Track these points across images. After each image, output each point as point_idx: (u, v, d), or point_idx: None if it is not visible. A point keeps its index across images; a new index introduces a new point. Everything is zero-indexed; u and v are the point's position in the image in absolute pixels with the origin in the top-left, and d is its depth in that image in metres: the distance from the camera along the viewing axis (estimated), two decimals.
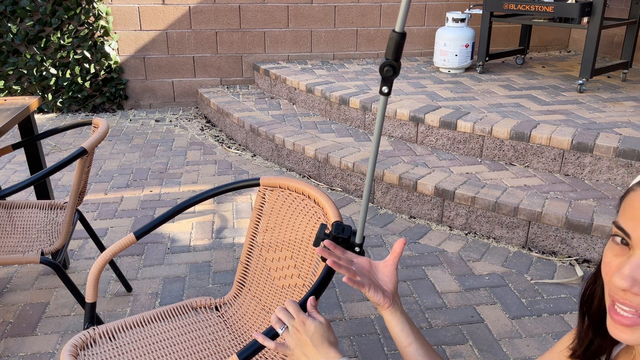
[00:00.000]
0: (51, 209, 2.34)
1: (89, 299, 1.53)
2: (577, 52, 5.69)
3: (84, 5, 4.68)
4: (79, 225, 3.03)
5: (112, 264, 2.36)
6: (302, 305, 1.14)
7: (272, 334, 1.08)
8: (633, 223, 0.61)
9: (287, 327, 1.02)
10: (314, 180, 3.61)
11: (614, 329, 0.63)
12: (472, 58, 4.63)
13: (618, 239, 0.64)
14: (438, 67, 4.74)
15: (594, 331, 0.76)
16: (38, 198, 2.54)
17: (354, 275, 1.01)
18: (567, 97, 3.90)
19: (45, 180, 2.55)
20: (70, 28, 4.71)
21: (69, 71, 4.79)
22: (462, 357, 2.05)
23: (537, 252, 2.77)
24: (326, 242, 1.06)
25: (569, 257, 2.70)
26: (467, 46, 4.50)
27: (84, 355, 1.43)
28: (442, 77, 4.52)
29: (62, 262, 2.49)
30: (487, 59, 4.57)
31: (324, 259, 1.22)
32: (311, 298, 1.05)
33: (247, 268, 1.66)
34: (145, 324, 1.56)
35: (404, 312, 1.02)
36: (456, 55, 4.52)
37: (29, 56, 4.71)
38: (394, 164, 3.26)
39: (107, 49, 4.81)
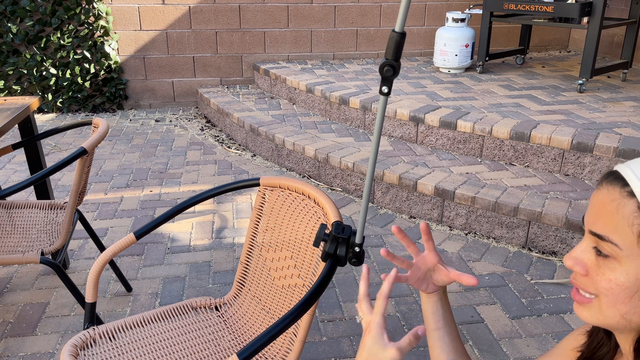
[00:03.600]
0: (51, 209, 2.34)
1: (89, 299, 1.53)
2: (577, 52, 5.69)
3: (84, 5, 4.68)
4: (79, 225, 3.03)
5: (112, 264, 2.36)
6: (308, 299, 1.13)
7: (273, 333, 1.08)
8: (587, 211, 0.69)
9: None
10: (314, 180, 3.61)
11: (575, 308, 0.71)
12: (472, 58, 4.63)
13: None
14: (438, 67, 4.74)
15: (605, 332, 0.78)
16: (38, 198, 2.54)
17: (407, 265, 0.99)
18: (567, 97, 3.90)
19: (45, 180, 2.55)
20: (70, 28, 4.71)
21: (69, 71, 4.79)
22: None
23: (537, 252, 2.77)
24: (394, 227, 1.00)
25: None
26: (467, 46, 4.50)
27: (84, 355, 1.43)
28: (442, 77, 4.52)
29: (62, 262, 2.49)
30: (487, 59, 4.56)
31: (324, 259, 1.22)
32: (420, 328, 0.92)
33: (247, 268, 1.66)
34: (145, 324, 1.57)
35: (443, 299, 1.01)
36: (456, 55, 4.52)
37: (29, 56, 4.71)
38: (394, 164, 3.26)
39: (107, 49, 4.81)
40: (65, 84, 4.83)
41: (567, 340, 0.87)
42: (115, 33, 4.85)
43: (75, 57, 4.77)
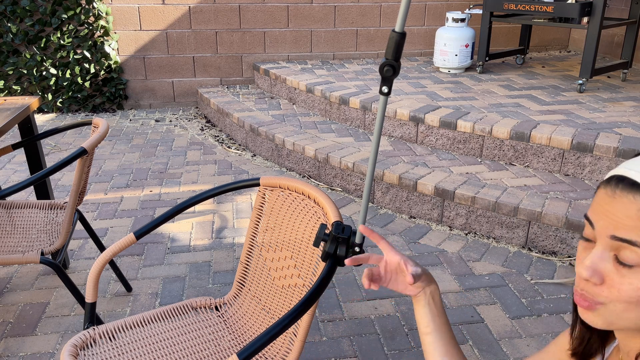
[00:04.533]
0: (51, 209, 2.34)
1: (89, 299, 1.53)
2: (577, 52, 5.69)
3: (84, 5, 4.68)
4: (79, 225, 3.03)
5: (112, 264, 2.36)
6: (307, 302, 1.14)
7: (273, 333, 1.08)
8: (596, 216, 0.67)
9: None
10: (314, 180, 3.61)
11: (582, 313, 0.69)
12: (472, 58, 4.63)
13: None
14: (438, 67, 4.74)
15: (589, 328, 0.78)
16: (38, 198, 2.54)
17: (370, 276, 1.01)
18: (567, 97, 3.90)
19: (45, 180, 2.55)
20: (70, 28, 4.71)
21: (69, 71, 4.79)
22: None
23: (537, 252, 2.77)
24: (362, 228, 1.04)
25: (569, 257, 2.70)
26: (467, 46, 4.50)
27: (84, 355, 1.43)
28: (442, 77, 4.52)
29: (62, 262, 2.49)
30: (487, 59, 4.56)
31: (324, 259, 1.22)
32: None
33: (247, 268, 1.66)
34: (145, 324, 1.57)
35: (433, 303, 1.01)
36: (456, 55, 4.52)
37: (29, 56, 4.71)
38: (394, 164, 3.26)
39: (107, 49, 4.81)
40: (65, 84, 4.83)
41: (561, 338, 0.88)
42: (115, 33, 4.85)
43: (75, 57, 4.77)
